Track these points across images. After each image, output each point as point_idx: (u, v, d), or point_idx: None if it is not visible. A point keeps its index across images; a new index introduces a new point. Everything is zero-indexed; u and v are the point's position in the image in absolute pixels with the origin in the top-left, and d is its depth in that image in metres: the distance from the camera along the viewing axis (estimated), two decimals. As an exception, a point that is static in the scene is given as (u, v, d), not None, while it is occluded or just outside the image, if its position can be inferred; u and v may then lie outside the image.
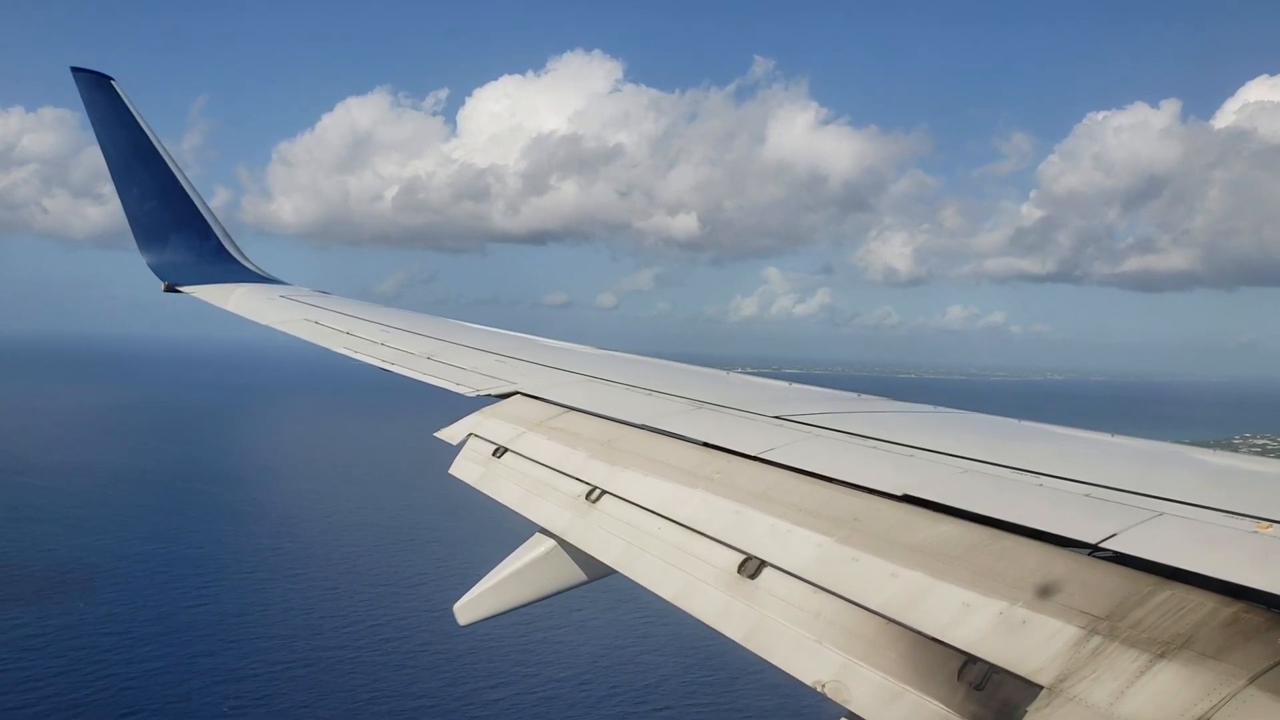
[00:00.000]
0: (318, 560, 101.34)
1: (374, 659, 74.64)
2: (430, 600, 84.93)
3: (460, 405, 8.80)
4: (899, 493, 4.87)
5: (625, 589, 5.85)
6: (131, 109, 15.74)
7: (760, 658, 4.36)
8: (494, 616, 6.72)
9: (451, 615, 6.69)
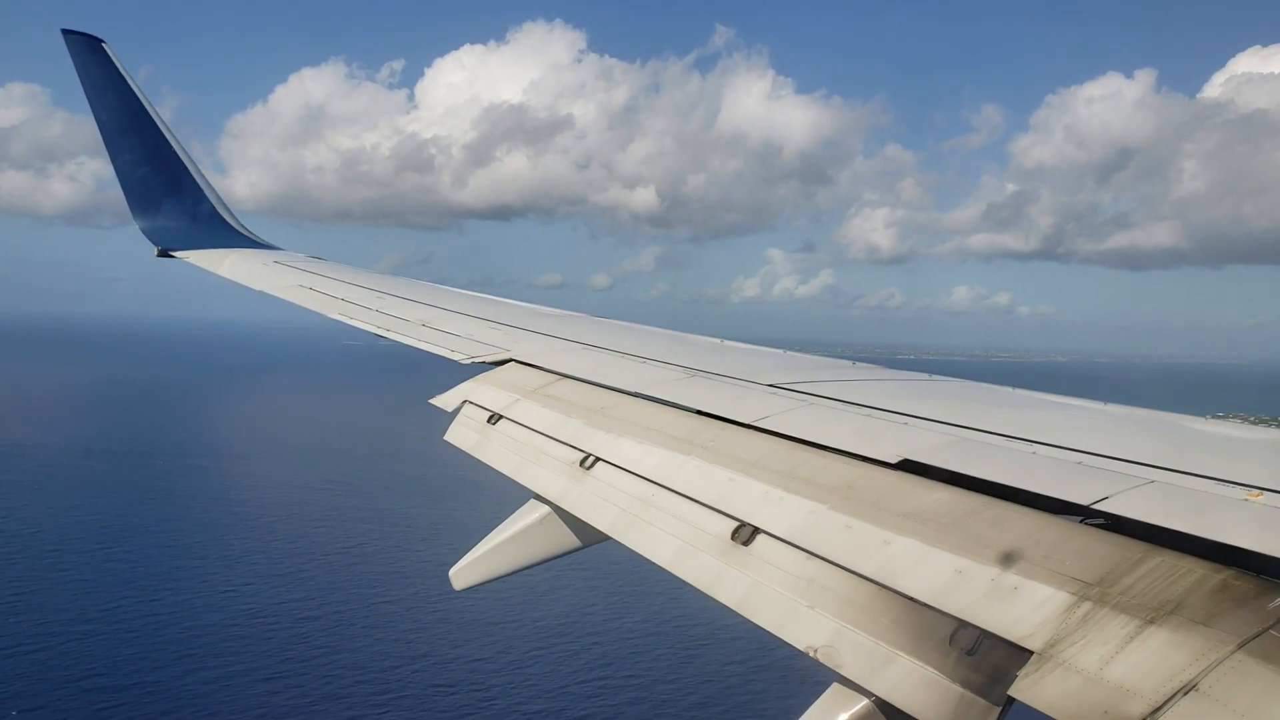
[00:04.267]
0: (309, 524, 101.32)
1: (368, 622, 75.10)
2: (425, 565, 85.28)
3: (455, 372, 8.80)
4: (892, 460, 4.88)
5: (619, 555, 5.88)
6: (123, 72, 15.57)
7: (753, 623, 4.39)
8: (489, 581, 6.77)
9: (447, 580, 6.74)
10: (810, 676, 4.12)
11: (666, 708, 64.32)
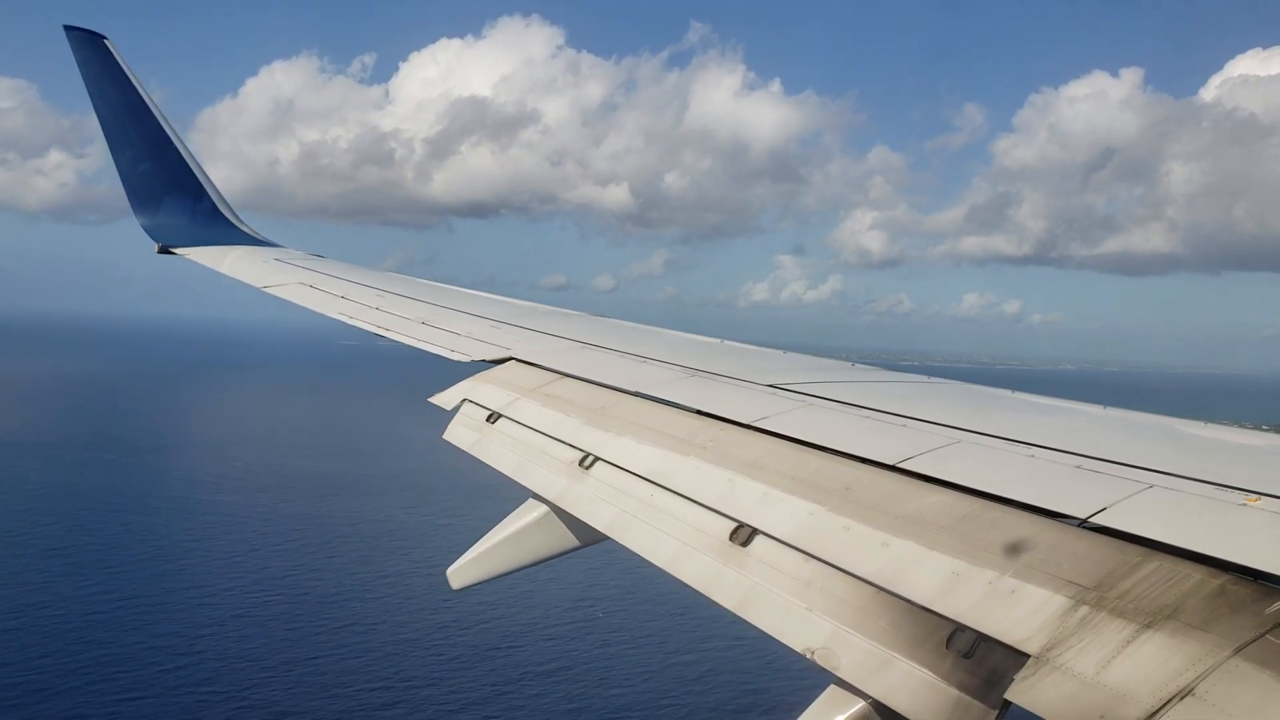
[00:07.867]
0: (306, 521, 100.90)
1: (365, 622, 74.95)
2: (422, 565, 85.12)
3: (454, 371, 8.80)
4: (891, 462, 4.88)
5: (618, 555, 5.87)
6: (124, 68, 15.56)
7: (751, 624, 4.40)
8: (487, 581, 6.77)
9: (444, 579, 6.74)
10: (807, 678, 4.12)
11: (662, 708, 64.31)
